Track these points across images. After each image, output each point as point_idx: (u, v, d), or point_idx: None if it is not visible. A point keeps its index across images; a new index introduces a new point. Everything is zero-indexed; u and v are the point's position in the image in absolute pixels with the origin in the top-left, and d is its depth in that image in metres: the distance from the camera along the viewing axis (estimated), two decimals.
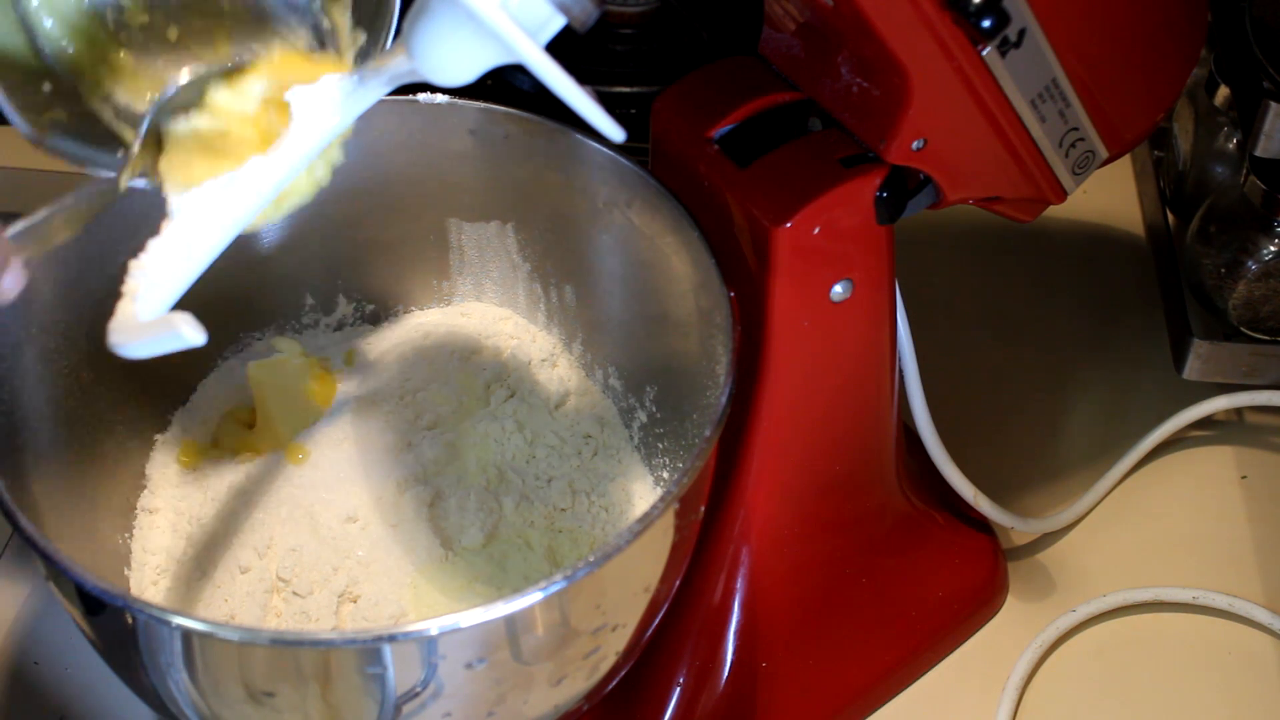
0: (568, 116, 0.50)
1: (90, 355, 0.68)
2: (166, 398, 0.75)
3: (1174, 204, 0.89)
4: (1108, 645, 0.75)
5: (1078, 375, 0.87)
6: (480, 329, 0.78)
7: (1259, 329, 0.80)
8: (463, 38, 0.48)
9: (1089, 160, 0.64)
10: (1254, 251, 0.78)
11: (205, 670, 0.55)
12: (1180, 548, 0.79)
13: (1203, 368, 0.82)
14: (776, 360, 0.65)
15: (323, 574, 0.66)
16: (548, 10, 0.47)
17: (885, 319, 0.67)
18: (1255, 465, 0.82)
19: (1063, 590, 0.76)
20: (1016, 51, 0.58)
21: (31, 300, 0.65)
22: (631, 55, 1.00)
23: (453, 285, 0.79)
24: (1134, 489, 0.81)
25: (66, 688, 0.72)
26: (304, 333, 0.79)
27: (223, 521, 0.70)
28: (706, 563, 0.68)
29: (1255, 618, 0.75)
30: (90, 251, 0.67)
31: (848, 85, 0.62)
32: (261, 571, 0.67)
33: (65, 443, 0.68)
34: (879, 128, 0.61)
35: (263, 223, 0.56)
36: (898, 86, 0.58)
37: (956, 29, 0.56)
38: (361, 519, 0.69)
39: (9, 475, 0.60)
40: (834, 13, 0.58)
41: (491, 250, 0.77)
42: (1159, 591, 0.76)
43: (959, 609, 0.75)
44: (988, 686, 0.72)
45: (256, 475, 0.71)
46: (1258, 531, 0.79)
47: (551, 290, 0.77)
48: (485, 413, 0.73)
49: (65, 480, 0.67)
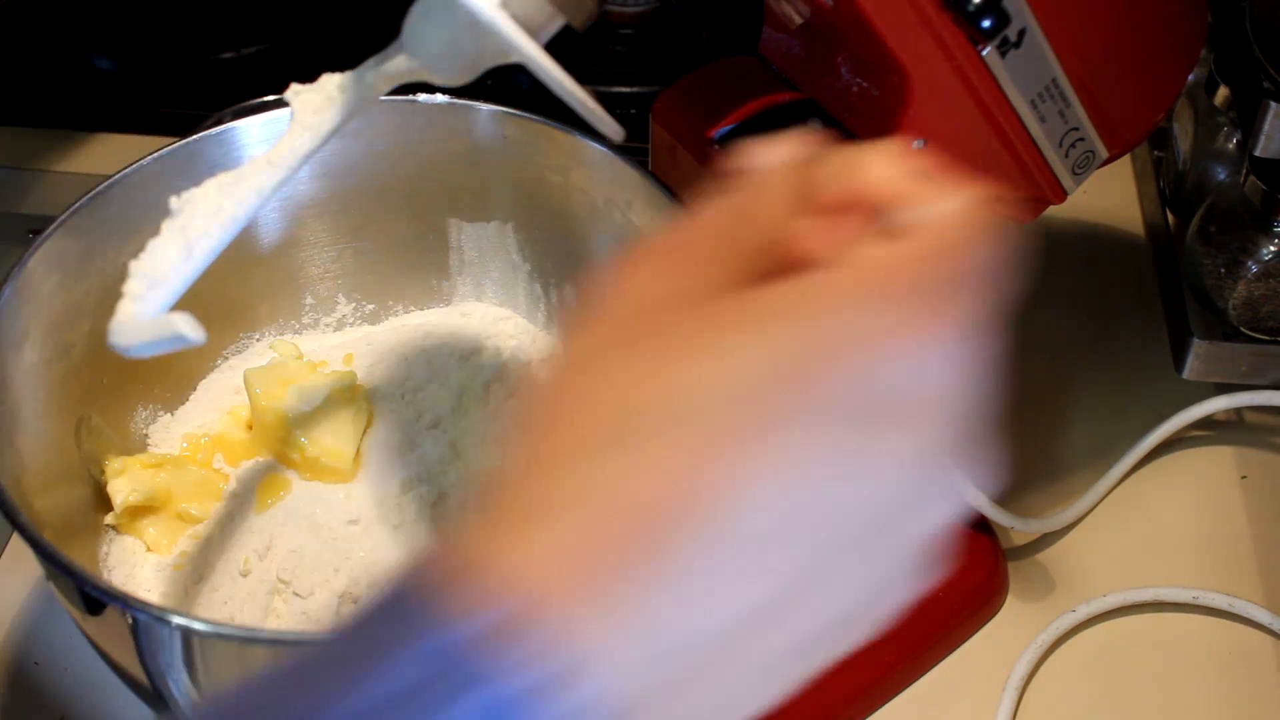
0: (568, 116, 0.50)
1: (90, 355, 0.68)
2: (167, 398, 0.75)
3: (1174, 204, 0.89)
4: (1108, 645, 0.75)
5: (1077, 375, 0.87)
6: (480, 329, 0.78)
7: (1259, 329, 0.80)
8: (463, 37, 0.48)
9: (1089, 160, 0.64)
10: (1254, 251, 0.78)
11: (205, 671, 0.55)
12: (1180, 548, 0.79)
13: (1203, 368, 0.82)
14: None
15: (324, 575, 0.66)
16: (548, 10, 0.47)
17: None
18: (1255, 465, 0.82)
19: (1063, 590, 0.76)
20: (1016, 51, 0.58)
21: (31, 300, 0.65)
22: (631, 55, 1.00)
23: (453, 285, 0.79)
24: (1134, 489, 0.81)
25: (66, 688, 0.71)
26: (304, 333, 0.79)
27: (223, 523, 0.70)
28: None
29: (1255, 618, 0.75)
30: (90, 251, 0.67)
31: (848, 85, 0.62)
32: (262, 573, 0.67)
33: (65, 443, 0.68)
34: (879, 128, 0.61)
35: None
36: (897, 86, 0.58)
37: (956, 29, 0.56)
38: (363, 520, 0.69)
39: (9, 475, 0.60)
40: (834, 13, 0.58)
41: (491, 250, 0.77)
42: (1159, 591, 0.76)
43: (959, 609, 0.75)
44: (988, 686, 0.72)
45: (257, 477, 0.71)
46: (1258, 531, 0.79)
47: (551, 290, 0.77)
48: (486, 412, 0.73)
49: (66, 480, 0.67)
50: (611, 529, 0.31)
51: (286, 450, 0.71)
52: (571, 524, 0.31)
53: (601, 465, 0.32)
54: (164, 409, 0.74)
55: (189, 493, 0.70)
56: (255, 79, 0.84)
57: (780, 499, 0.32)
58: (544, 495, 0.32)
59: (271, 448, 0.72)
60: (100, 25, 1.05)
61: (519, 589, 0.31)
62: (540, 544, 0.31)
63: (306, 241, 0.76)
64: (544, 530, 0.31)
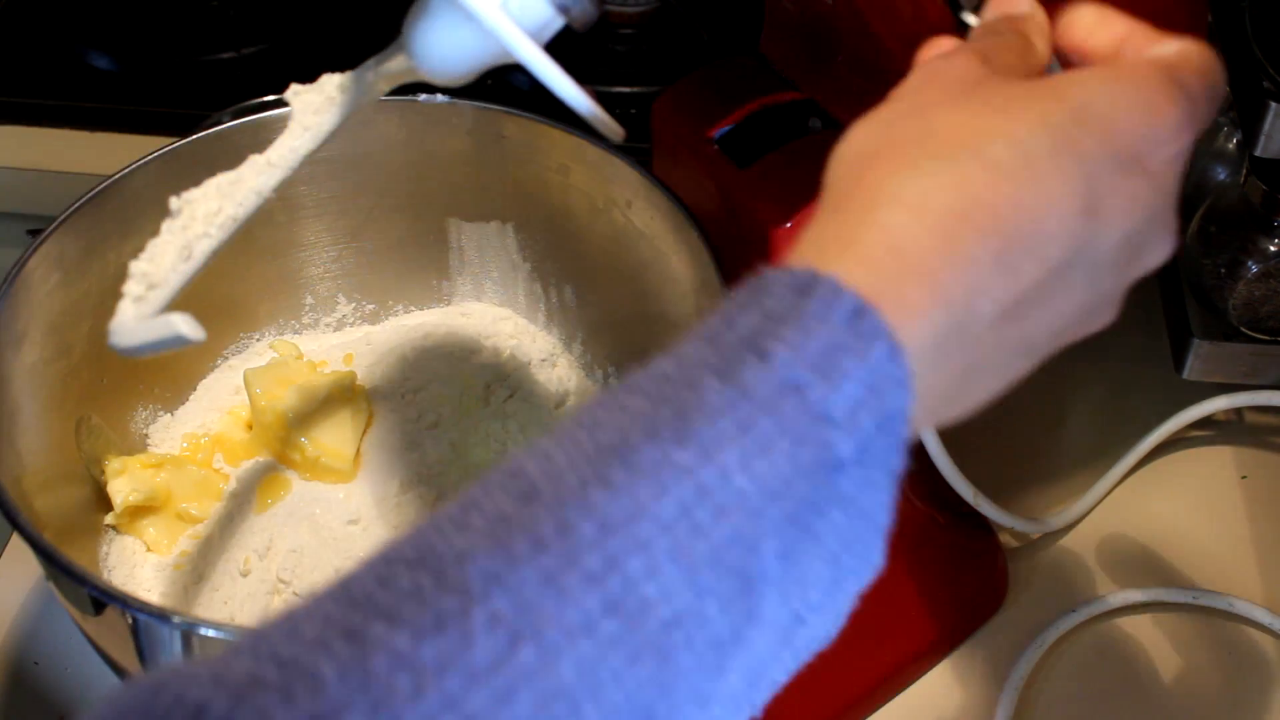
0: (568, 116, 0.50)
1: (90, 355, 0.68)
2: (167, 398, 0.75)
3: None
4: (1109, 646, 0.75)
5: (1077, 375, 0.87)
6: (480, 329, 0.78)
7: (1259, 329, 0.80)
8: (462, 38, 0.48)
9: None
10: (1254, 251, 0.78)
11: None
12: (1180, 548, 0.79)
13: (1203, 368, 0.82)
14: None
15: (324, 575, 0.66)
16: (548, 11, 0.47)
17: None
18: (1255, 465, 0.82)
19: (1063, 590, 0.76)
20: None
21: (31, 300, 0.65)
22: (631, 55, 1.00)
23: (453, 285, 0.79)
24: (1134, 489, 0.81)
25: (66, 688, 0.71)
26: (304, 333, 0.79)
27: (223, 523, 0.70)
28: None
29: (1255, 618, 0.75)
30: (90, 251, 0.67)
31: (847, 85, 0.62)
32: (262, 573, 0.67)
33: (65, 443, 0.68)
34: None
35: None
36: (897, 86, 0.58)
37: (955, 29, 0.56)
38: (363, 520, 0.69)
39: (9, 475, 0.60)
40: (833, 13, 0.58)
41: (491, 250, 0.77)
42: (1159, 592, 0.76)
43: (960, 610, 0.75)
44: (988, 686, 0.72)
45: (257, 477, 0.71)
46: (1258, 531, 0.79)
47: (551, 290, 0.77)
48: (486, 412, 0.73)
49: (66, 480, 0.68)
50: (923, 231, 0.38)
51: (286, 450, 0.71)
52: (895, 228, 0.38)
53: (917, 181, 0.39)
54: (164, 409, 0.74)
55: (189, 493, 0.70)
56: (255, 79, 0.84)
57: (1048, 215, 0.40)
58: (868, 203, 0.39)
59: (271, 448, 0.72)
60: (100, 25, 1.05)
61: (857, 283, 0.37)
62: (872, 245, 0.38)
63: (306, 241, 0.76)
64: (874, 233, 0.38)
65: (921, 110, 0.42)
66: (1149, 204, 0.42)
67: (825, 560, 0.37)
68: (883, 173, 0.40)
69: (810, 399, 0.36)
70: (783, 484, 0.36)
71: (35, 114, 0.99)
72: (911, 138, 0.41)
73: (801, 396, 0.36)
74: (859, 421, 0.37)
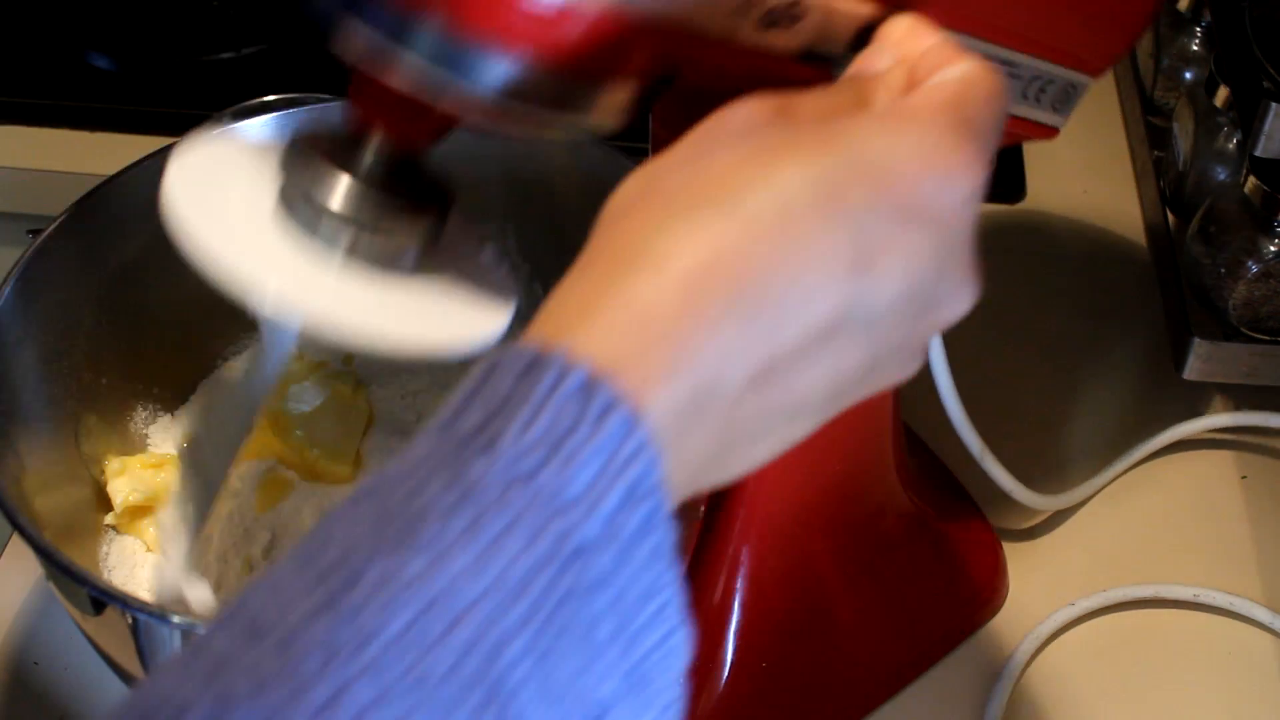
0: None
1: (90, 355, 0.68)
2: (167, 398, 0.75)
3: (1174, 204, 0.89)
4: (1107, 641, 0.75)
5: (1077, 375, 0.87)
6: None
7: (1259, 329, 0.80)
8: None
9: (1070, 94, 0.61)
10: (1254, 251, 0.78)
11: None
12: (1180, 546, 0.79)
13: (1203, 368, 0.82)
14: None
15: None
16: None
17: None
18: (1255, 465, 0.82)
19: (1061, 585, 0.76)
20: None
21: (31, 300, 0.65)
22: None
23: None
24: (1134, 488, 0.81)
25: (66, 688, 0.71)
26: None
27: (224, 523, 0.70)
28: (706, 563, 0.68)
29: (1255, 617, 0.75)
30: (90, 251, 0.67)
31: None
32: None
33: (65, 443, 0.68)
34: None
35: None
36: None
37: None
38: None
39: (9, 475, 0.60)
40: None
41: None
42: (1159, 588, 0.76)
43: (960, 608, 0.75)
44: (984, 678, 0.72)
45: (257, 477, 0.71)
46: (1258, 531, 0.79)
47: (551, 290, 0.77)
48: None
49: (66, 480, 0.67)
50: (666, 292, 0.36)
51: (287, 450, 0.71)
52: (637, 289, 0.36)
53: (665, 237, 0.37)
54: (164, 409, 0.74)
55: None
56: (255, 79, 0.84)
57: (807, 273, 0.37)
58: (613, 260, 0.37)
59: (272, 448, 0.72)
60: (100, 25, 1.05)
61: (592, 353, 0.36)
62: (610, 310, 0.36)
63: None
64: (614, 296, 0.36)
65: (696, 158, 0.39)
66: (935, 253, 0.39)
67: (597, 647, 0.34)
68: (634, 225, 0.38)
69: (541, 486, 0.34)
70: (521, 581, 0.33)
71: (35, 114, 0.99)
72: (673, 187, 0.38)
73: (531, 485, 0.34)
74: (601, 498, 0.34)
